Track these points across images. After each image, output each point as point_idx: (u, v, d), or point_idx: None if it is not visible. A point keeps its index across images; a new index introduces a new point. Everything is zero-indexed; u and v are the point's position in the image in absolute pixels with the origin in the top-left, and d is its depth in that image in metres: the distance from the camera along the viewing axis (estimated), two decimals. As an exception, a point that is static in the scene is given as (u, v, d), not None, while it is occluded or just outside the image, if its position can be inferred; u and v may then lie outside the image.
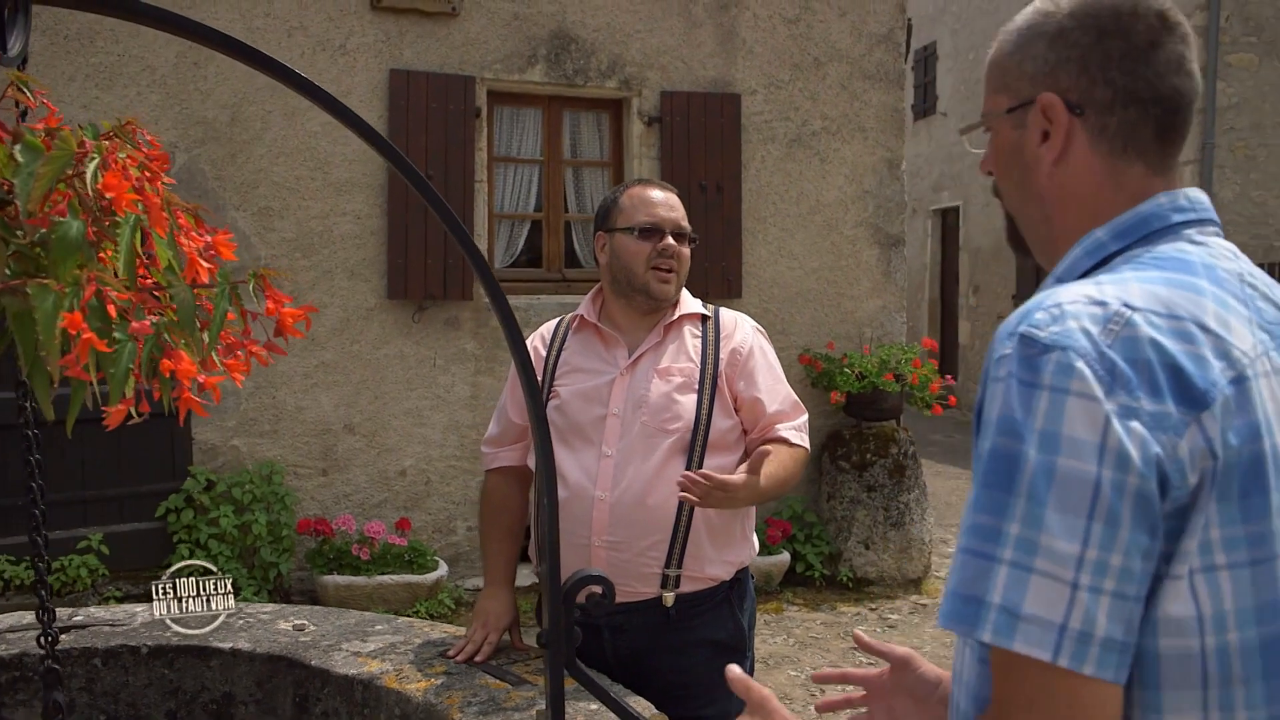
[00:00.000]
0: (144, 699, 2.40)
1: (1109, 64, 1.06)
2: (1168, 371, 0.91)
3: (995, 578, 0.90)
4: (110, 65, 5.31)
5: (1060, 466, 0.89)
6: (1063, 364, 0.91)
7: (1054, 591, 0.88)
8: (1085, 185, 1.09)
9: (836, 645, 5.35)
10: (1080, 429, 0.89)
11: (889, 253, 6.99)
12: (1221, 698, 0.93)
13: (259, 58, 1.24)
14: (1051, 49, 1.09)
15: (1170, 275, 0.99)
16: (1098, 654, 0.88)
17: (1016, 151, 1.14)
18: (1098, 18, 1.07)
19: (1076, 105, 1.08)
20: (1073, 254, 1.08)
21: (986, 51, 1.22)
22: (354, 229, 5.80)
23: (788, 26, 6.67)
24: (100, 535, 5.19)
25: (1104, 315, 0.93)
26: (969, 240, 15.78)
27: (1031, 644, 0.88)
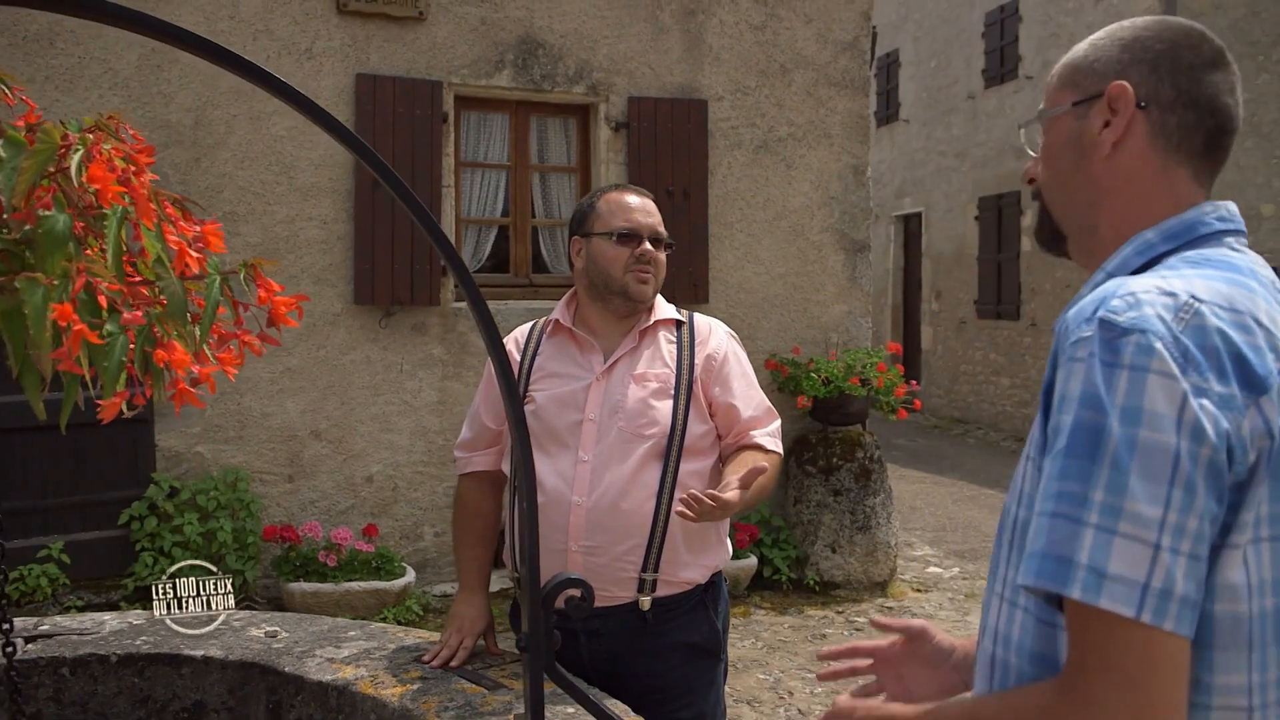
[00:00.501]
0: (113, 708, 2.37)
1: (1178, 69, 1.17)
2: (1232, 359, 1.00)
3: (1083, 540, 0.97)
4: (71, 67, 5.25)
5: (1142, 438, 0.97)
6: (1142, 345, 0.99)
7: (1138, 553, 0.95)
8: (1138, 177, 1.19)
9: (804, 648, 5.38)
10: (1160, 404, 0.97)
11: (854, 258, 7.04)
12: (1260, 659, 1.03)
13: (241, 63, 1.23)
14: (1126, 50, 1.20)
15: (1225, 274, 1.08)
16: (1175, 610, 0.95)
17: (1074, 140, 1.23)
18: (1172, 32, 1.19)
19: (1143, 99, 1.18)
20: (1123, 252, 1.18)
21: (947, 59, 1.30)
22: (320, 234, 5.77)
23: (754, 33, 6.71)
24: (61, 544, 5.11)
25: (1175, 305, 1.02)
26: (931, 246, 15.93)
27: (1117, 601, 0.95)
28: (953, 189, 15.28)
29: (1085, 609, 0.97)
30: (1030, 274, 13.19)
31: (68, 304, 1.11)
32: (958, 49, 15.20)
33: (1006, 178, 13.69)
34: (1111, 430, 0.98)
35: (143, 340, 1.20)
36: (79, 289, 1.15)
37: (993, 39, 14.34)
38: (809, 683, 4.91)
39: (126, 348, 1.18)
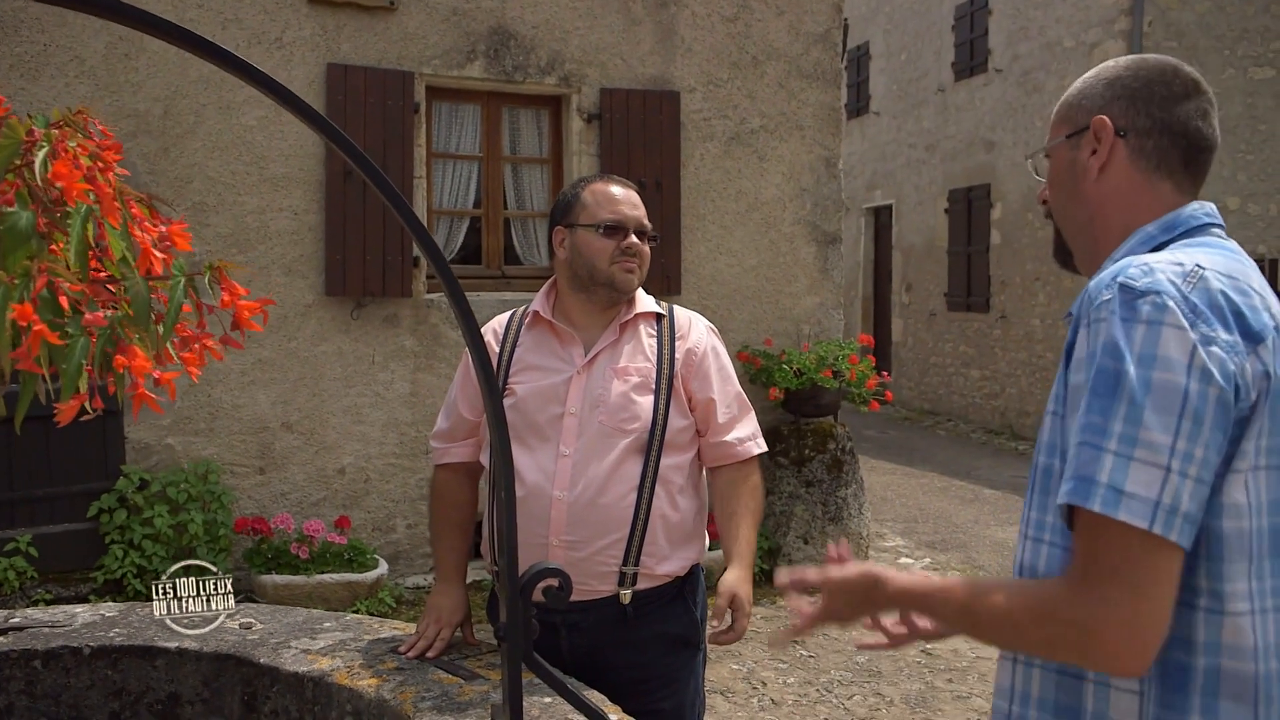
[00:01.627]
0: (86, 700, 2.36)
1: (1151, 101, 1.38)
2: (1234, 314, 1.18)
3: (1103, 463, 1.14)
4: (36, 55, 5.18)
5: (1156, 378, 1.14)
6: (1157, 304, 1.17)
7: (1151, 474, 1.12)
8: (1125, 194, 1.39)
9: (777, 638, 5.41)
10: (1173, 351, 1.14)
11: (826, 250, 7.07)
12: (1257, 568, 1.21)
13: (220, 52, 1.23)
14: (1109, 89, 1.41)
15: (1221, 251, 1.29)
16: (1180, 524, 1.13)
17: (1070, 167, 1.44)
18: (1148, 70, 1.40)
19: (1121, 129, 1.39)
20: (1128, 243, 1.37)
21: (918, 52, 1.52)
22: (291, 225, 5.73)
23: (726, 25, 6.72)
24: (29, 537, 5.06)
25: (1183, 271, 1.20)
26: (902, 238, 16.01)
27: (1133, 515, 1.12)
28: (923, 181, 15.37)
29: (1102, 520, 1.14)
30: (1000, 267, 13.29)
31: (28, 304, 1.11)
32: (928, 42, 15.27)
33: (976, 171, 13.79)
34: (1129, 373, 1.15)
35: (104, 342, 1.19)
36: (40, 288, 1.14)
37: (963, 32, 14.42)
38: (782, 673, 4.95)
39: (87, 349, 1.17)
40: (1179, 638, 1.20)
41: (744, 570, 2.36)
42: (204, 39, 1.20)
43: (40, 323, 1.11)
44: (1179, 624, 1.19)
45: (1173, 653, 1.20)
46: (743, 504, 2.43)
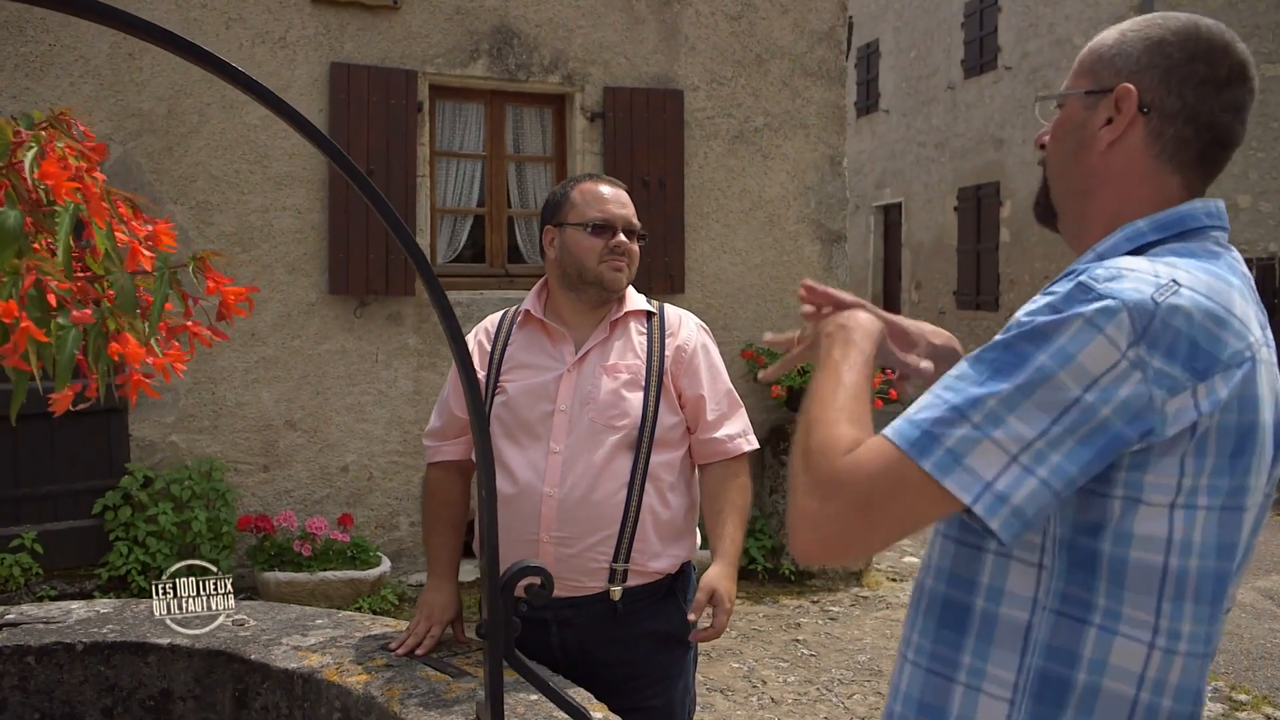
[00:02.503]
0: (79, 696, 2.37)
1: (1188, 83, 1.22)
2: (1188, 343, 1.08)
3: (956, 430, 1.08)
4: (41, 55, 5.21)
5: (1057, 377, 1.07)
6: (1109, 309, 1.07)
7: (995, 457, 1.07)
8: (1129, 176, 1.26)
9: (778, 637, 5.41)
10: (1091, 362, 1.07)
11: (831, 248, 7.06)
12: (1174, 609, 1.14)
13: (196, 51, 1.24)
14: (1146, 53, 1.24)
15: (1208, 266, 1.16)
16: (1006, 514, 1.07)
17: (1079, 128, 1.29)
18: (1196, 43, 1.23)
19: (1146, 105, 1.24)
20: (1114, 237, 1.24)
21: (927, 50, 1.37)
22: (294, 223, 5.75)
23: (730, 23, 6.72)
24: (34, 533, 5.09)
25: (1158, 283, 1.09)
26: (911, 236, 15.98)
27: (960, 487, 1.07)
28: (932, 179, 15.34)
29: (923, 476, 1.08)
30: (1009, 265, 13.26)
31: (13, 301, 1.12)
32: (937, 39, 15.24)
33: (986, 168, 13.75)
34: (1037, 360, 1.08)
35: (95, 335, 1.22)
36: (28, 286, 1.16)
37: (972, 29, 14.39)
38: (782, 671, 4.95)
39: (78, 342, 1.19)
40: (1063, 650, 1.16)
41: (727, 567, 2.37)
42: (166, 30, 1.21)
43: (27, 319, 1.12)
44: (1066, 637, 1.15)
45: (1052, 664, 1.16)
46: (729, 502, 2.43)
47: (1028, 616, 1.18)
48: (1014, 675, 1.18)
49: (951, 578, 1.26)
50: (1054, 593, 1.16)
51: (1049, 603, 1.17)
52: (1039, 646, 1.17)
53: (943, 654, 1.25)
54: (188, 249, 5.41)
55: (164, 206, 5.43)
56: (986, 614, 1.21)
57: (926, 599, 1.29)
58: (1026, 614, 1.18)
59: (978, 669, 1.22)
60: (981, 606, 1.22)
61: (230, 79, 1.29)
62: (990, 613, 1.21)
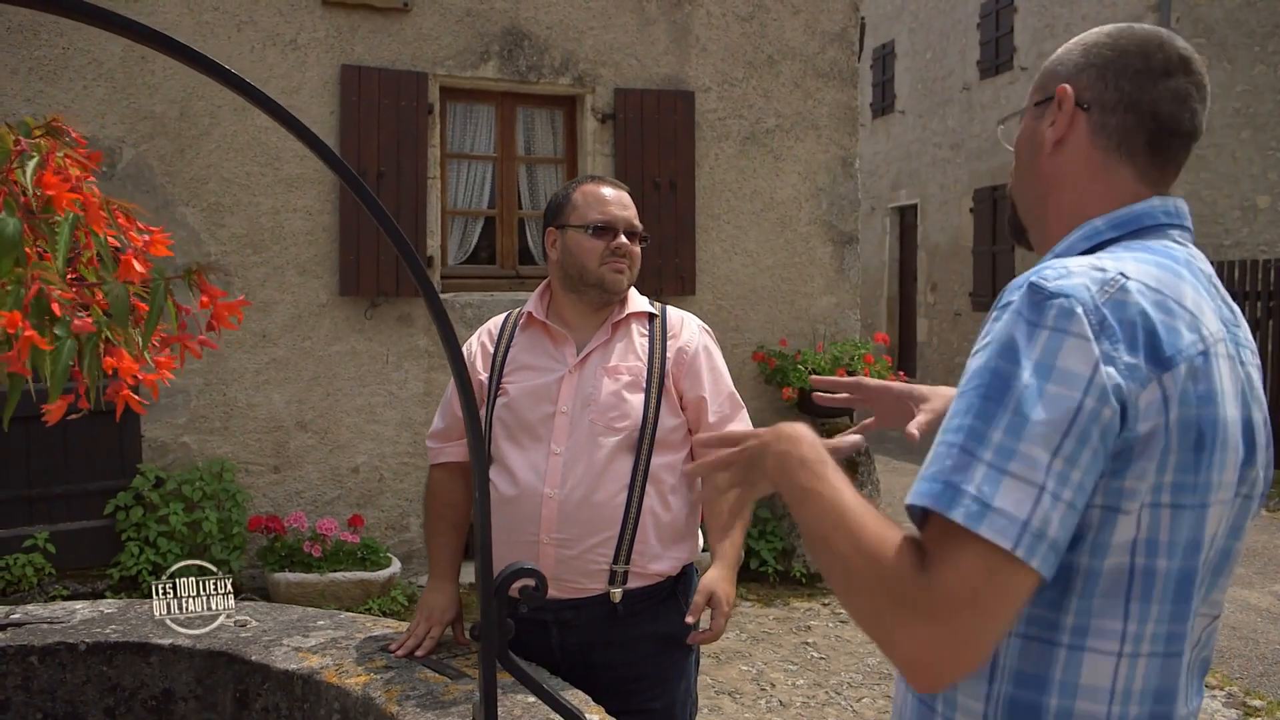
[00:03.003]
0: (82, 696, 2.39)
1: (1122, 75, 1.25)
2: (1145, 334, 1.07)
3: (975, 472, 1.03)
4: (55, 58, 5.24)
5: (1049, 391, 1.04)
6: (1065, 309, 1.06)
7: (1023, 492, 1.02)
8: (1080, 172, 1.27)
9: (788, 640, 5.39)
10: (1074, 363, 1.04)
11: (842, 250, 7.04)
12: (1140, 610, 1.11)
13: (188, 52, 1.24)
14: (1082, 55, 1.29)
15: (1159, 260, 1.15)
16: (1044, 551, 1.02)
17: (1031, 137, 1.33)
18: (1128, 41, 1.27)
19: (1085, 101, 1.27)
20: (1071, 237, 1.25)
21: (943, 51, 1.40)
22: (305, 225, 5.77)
23: (741, 24, 6.71)
24: (46, 534, 5.12)
25: (1103, 279, 1.09)
26: (927, 238, 15.93)
27: (996, 532, 1.01)
28: (948, 180, 15.28)
29: (961, 532, 1.02)
30: (1025, 266, 13.17)
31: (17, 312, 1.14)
32: (953, 40, 15.19)
33: (1001, 170, 13.68)
34: (1022, 380, 1.05)
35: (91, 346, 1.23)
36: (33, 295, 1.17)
37: (988, 30, 14.33)
38: (791, 674, 4.93)
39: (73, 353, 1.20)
40: (1033, 675, 1.13)
41: (726, 570, 2.38)
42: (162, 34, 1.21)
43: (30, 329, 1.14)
44: (1035, 661, 1.13)
45: (1021, 691, 1.13)
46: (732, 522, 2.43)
47: None
48: (981, 705, 1.16)
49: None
50: (1021, 616, 1.12)
51: (1016, 627, 1.13)
52: (1007, 672, 1.15)
53: None
54: (200, 251, 5.47)
55: (176, 209, 5.46)
56: None
57: None
58: None
59: (950, 698, 1.20)
60: None
61: (224, 81, 1.29)
62: None
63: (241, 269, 5.60)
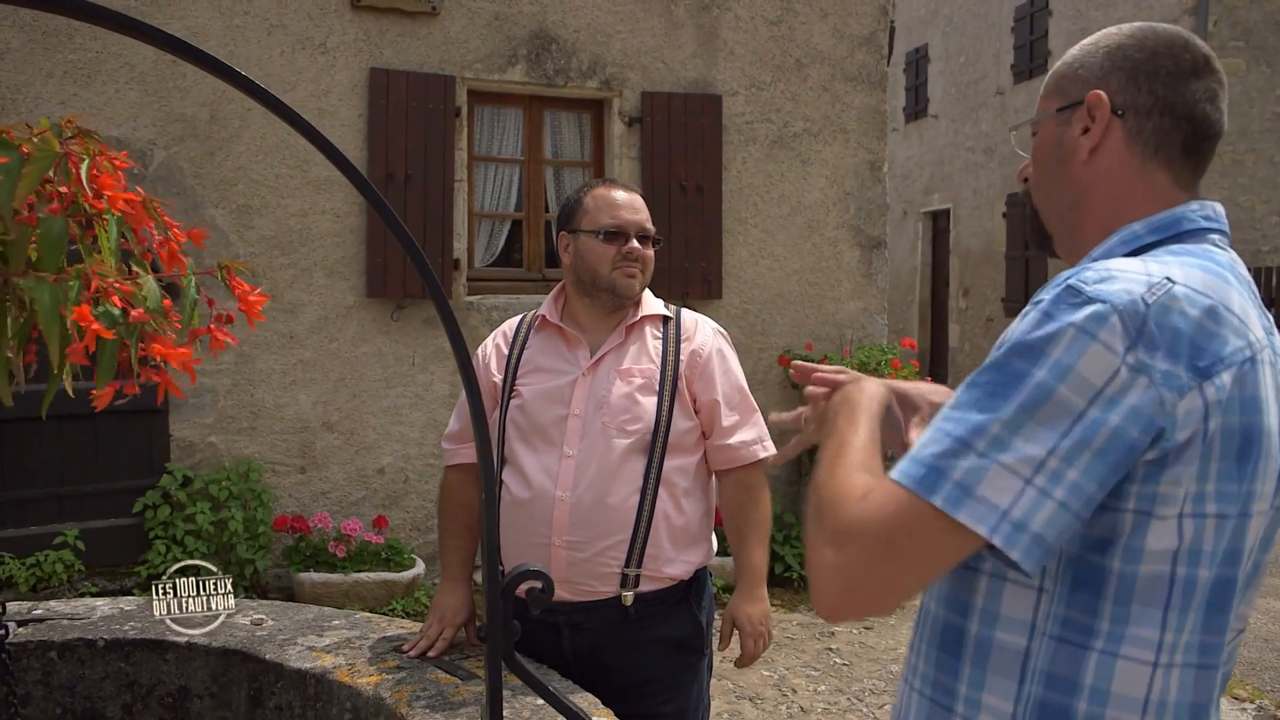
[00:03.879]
0: (100, 692, 2.41)
1: (1155, 77, 1.22)
2: (1187, 341, 1.04)
3: (963, 461, 1.04)
4: (89, 62, 5.31)
5: (1059, 393, 1.03)
6: (1099, 314, 1.04)
7: (1008, 483, 1.02)
8: (1116, 180, 1.24)
9: (812, 646, 5.37)
10: (1090, 371, 1.02)
11: (870, 254, 7.01)
12: (1178, 620, 1.09)
13: (199, 54, 1.25)
14: (1108, 59, 1.25)
15: (1205, 264, 1.12)
16: (1025, 542, 1.02)
17: (1057, 144, 1.29)
18: (1155, 41, 1.24)
19: (1119, 107, 1.23)
20: (1109, 242, 1.22)
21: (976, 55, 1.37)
22: (333, 227, 5.81)
23: (769, 28, 6.69)
24: (76, 531, 5.19)
25: (1149, 282, 1.06)
26: (959, 243, 15.82)
27: (974, 519, 1.02)
28: (981, 185, 15.17)
29: (941, 517, 1.03)
30: (1058, 272, 13.07)
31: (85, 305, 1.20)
32: (987, 44, 15.08)
33: (1034, 174, 13.55)
34: (1035, 377, 1.04)
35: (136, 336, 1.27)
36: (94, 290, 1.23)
37: (1022, 34, 14.21)
38: (813, 680, 4.90)
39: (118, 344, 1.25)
40: (1064, 679, 1.11)
41: (746, 589, 2.43)
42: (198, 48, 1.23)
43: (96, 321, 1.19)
44: (1066, 665, 1.11)
45: (1052, 693, 1.12)
46: (746, 519, 2.45)
47: (1025, 642, 1.14)
48: (1011, 705, 1.14)
49: (949, 600, 1.22)
50: (1054, 617, 1.12)
51: (1049, 628, 1.12)
52: (1038, 674, 1.13)
53: (942, 682, 1.21)
54: (228, 252, 5.51)
55: (205, 210, 5.51)
56: (981, 639, 1.17)
57: (928, 623, 1.26)
58: (1024, 639, 1.14)
59: (973, 699, 1.18)
60: (976, 631, 1.18)
61: (232, 81, 1.31)
62: (985, 638, 1.17)
63: (269, 270, 5.64)
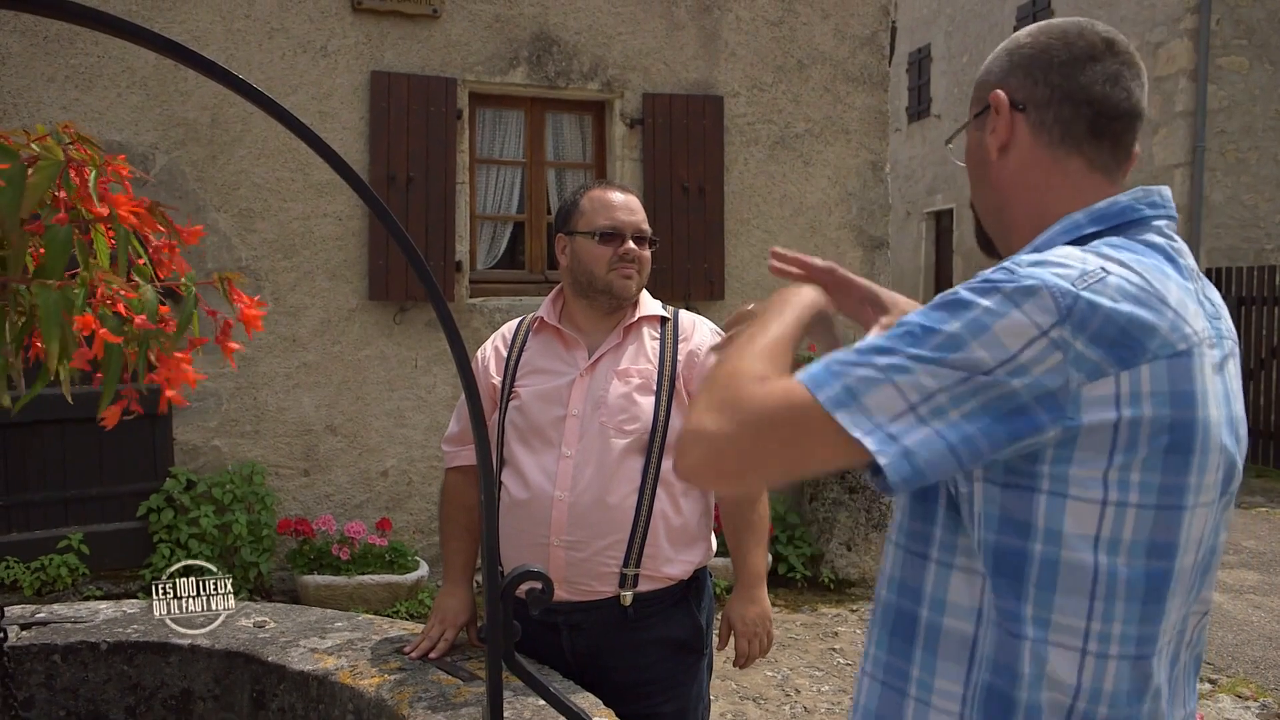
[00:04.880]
0: (103, 695, 2.42)
1: (1049, 68, 1.24)
2: (1114, 328, 1.05)
3: (859, 370, 1.06)
4: (90, 66, 5.32)
5: (969, 350, 1.04)
6: (1029, 288, 1.05)
7: (893, 402, 1.05)
8: (1032, 173, 1.25)
9: (815, 646, 5.36)
10: (1006, 335, 1.04)
11: (873, 255, 7.00)
12: (1105, 609, 1.10)
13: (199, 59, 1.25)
14: (1008, 58, 1.29)
15: (1142, 258, 1.12)
16: (896, 453, 1.04)
17: (977, 149, 1.32)
18: (1048, 35, 1.26)
19: (1019, 102, 1.26)
20: (1050, 231, 1.21)
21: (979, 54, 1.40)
22: (335, 230, 5.81)
23: (771, 29, 6.69)
24: (81, 535, 5.20)
25: (1084, 270, 1.07)
26: (962, 243, 15.81)
27: (851, 422, 1.05)
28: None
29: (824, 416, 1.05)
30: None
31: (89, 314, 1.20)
32: (990, 43, 15.07)
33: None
34: (951, 328, 1.05)
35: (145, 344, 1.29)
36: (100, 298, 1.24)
37: (1024, 33, 14.20)
38: (817, 680, 4.90)
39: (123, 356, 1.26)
40: (1006, 666, 1.13)
41: (745, 591, 2.44)
42: (194, 52, 1.23)
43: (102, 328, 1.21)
44: (1006, 653, 1.13)
45: (998, 680, 1.13)
46: (744, 521, 2.47)
47: (973, 629, 1.16)
48: (960, 688, 1.16)
49: (901, 587, 1.24)
50: (991, 604, 1.14)
51: (992, 615, 1.14)
52: (985, 661, 1.15)
53: (896, 666, 1.24)
54: (231, 256, 5.52)
55: (207, 214, 5.52)
56: (931, 625, 1.20)
57: (881, 610, 1.28)
58: (971, 626, 1.16)
59: (925, 682, 1.20)
60: (926, 617, 1.20)
61: (232, 86, 1.31)
62: (934, 623, 1.19)
63: (272, 274, 5.65)
